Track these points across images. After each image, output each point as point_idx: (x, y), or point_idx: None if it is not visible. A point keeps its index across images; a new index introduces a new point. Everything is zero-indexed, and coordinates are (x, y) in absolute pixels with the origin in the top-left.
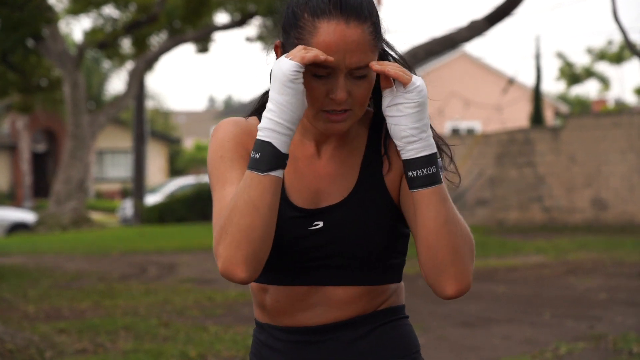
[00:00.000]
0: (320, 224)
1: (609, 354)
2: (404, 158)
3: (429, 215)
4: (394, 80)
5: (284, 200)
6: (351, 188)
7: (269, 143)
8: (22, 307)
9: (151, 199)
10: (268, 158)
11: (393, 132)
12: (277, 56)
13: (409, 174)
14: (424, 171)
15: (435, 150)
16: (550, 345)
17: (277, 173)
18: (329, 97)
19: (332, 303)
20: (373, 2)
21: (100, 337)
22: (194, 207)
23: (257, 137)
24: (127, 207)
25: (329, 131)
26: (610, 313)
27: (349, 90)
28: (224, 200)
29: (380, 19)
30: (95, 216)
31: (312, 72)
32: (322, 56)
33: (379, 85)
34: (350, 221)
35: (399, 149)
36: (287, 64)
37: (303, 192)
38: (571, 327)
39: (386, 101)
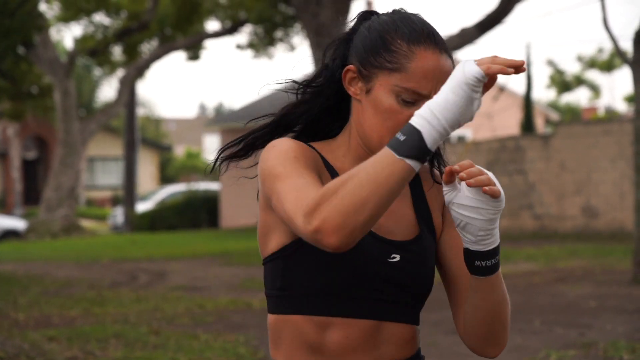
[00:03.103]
0: (397, 257)
1: None
2: (471, 249)
3: (489, 298)
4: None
5: None
6: (415, 226)
7: (418, 132)
8: (12, 314)
9: (142, 207)
10: (411, 144)
11: (464, 226)
12: (346, 83)
13: (476, 263)
14: (491, 261)
15: (499, 240)
16: (540, 353)
17: (413, 164)
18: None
19: (397, 341)
20: None
21: (90, 344)
22: (185, 214)
23: (410, 122)
24: (118, 214)
25: None
26: (600, 321)
27: None
28: (303, 184)
29: None
30: (86, 224)
31: (402, 97)
32: (509, 70)
33: None
34: (421, 259)
35: (465, 239)
36: (473, 68)
37: (380, 223)
38: (561, 334)
39: (450, 196)
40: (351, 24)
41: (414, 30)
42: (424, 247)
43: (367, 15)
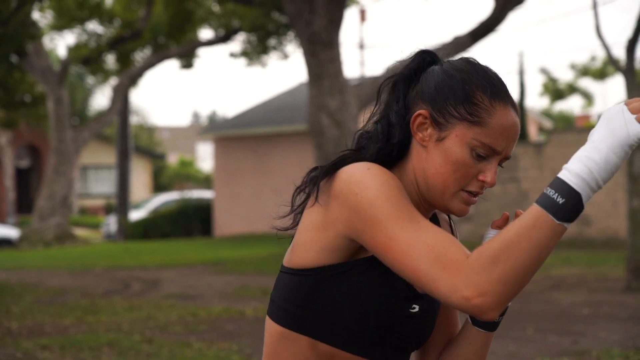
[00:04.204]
0: (417, 308)
1: None
2: None
3: (480, 352)
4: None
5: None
6: None
7: (578, 194)
8: (4, 323)
9: (135, 215)
10: (571, 208)
11: None
12: (415, 126)
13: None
14: (500, 317)
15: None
16: None
17: (569, 225)
18: (477, 178)
19: None
20: None
21: (83, 353)
22: (178, 223)
23: (566, 181)
24: (111, 222)
25: (460, 212)
26: (593, 328)
27: None
28: (433, 236)
29: None
30: (79, 232)
31: (476, 151)
32: None
33: None
34: (433, 310)
35: None
36: (637, 128)
37: None
38: (554, 342)
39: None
40: (410, 62)
41: (494, 85)
42: (433, 299)
43: (428, 55)
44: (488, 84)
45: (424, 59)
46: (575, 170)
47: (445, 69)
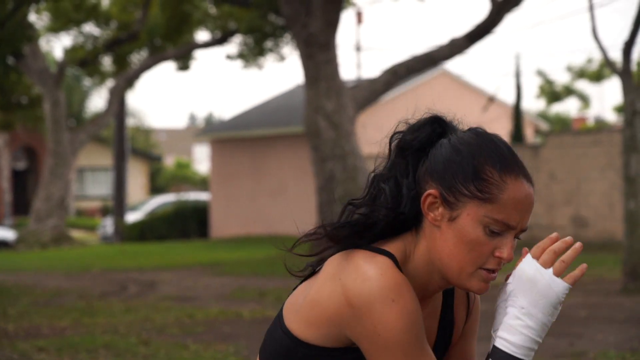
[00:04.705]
0: None
1: None
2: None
3: None
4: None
5: None
6: (433, 337)
7: None
8: (1, 325)
9: (132, 217)
10: None
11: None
12: (425, 206)
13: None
14: None
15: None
16: None
17: None
18: (494, 255)
19: None
20: None
21: (80, 355)
22: (175, 224)
23: (513, 354)
24: (108, 224)
25: (480, 291)
26: (590, 330)
27: None
28: None
29: None
30: (76, 234)
31: (490, 228)
32: (585, 267)
33: None
34: None
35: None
36: (561, 286)
37: None
38: (551, 344)
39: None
40: (420, 132)
41: (504, 158)
42: None
43: (439, 125)
44: (497, 157)
45: (434, 130)
46: (518, 342)
47: (453, 143)
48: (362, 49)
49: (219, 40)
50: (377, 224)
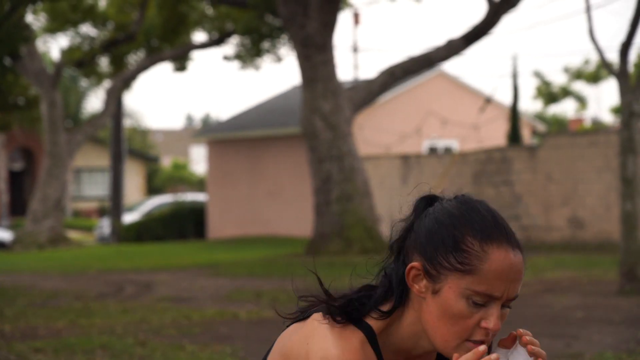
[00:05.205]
0: None
1: None
2: None
3: None
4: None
5: None
6: None
7: None
8: None
9: (128, 218)
10: None
11: None
12: (410, 280)
13: None
14: None
15: None
16: None
17: None
18: (480, 326)
19: None
20: None
21: (76, 356)
22: (172, 225)
23: None
24: (105, 225)
25: None
26: (587, 331)
27: None
28: None
29: None
30: (73, 235)
31: (472, 299)
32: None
33: None
34: None
35: None
36: None
37: None
38: (548, 345)
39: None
40: (413, 211)
41: (485, 227)
42: None
43: (426, 200)
44: (479, 226)
45: (422, 207)
46: None
47: (436, 215)
48: (359, 50)
49: (216, 41)
50: (368, 301)
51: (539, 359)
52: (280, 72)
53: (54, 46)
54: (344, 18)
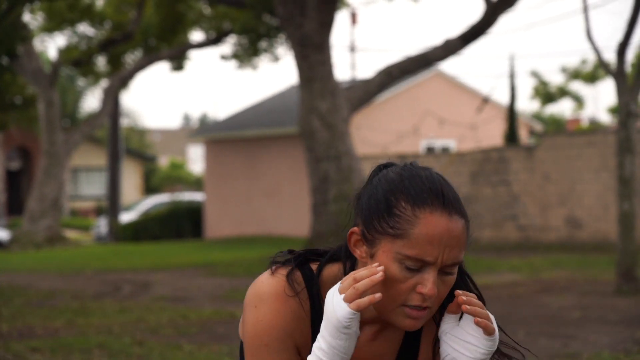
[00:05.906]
0: None
1: None
2: None
3: None
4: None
5: None
6: None
7: None
8: None
9: (126, 217)
10: None
11: (449, 358)
12: (352, 245)
13: None
14: None
15: None
16: None
17: None
18: (415, 291)
19: None
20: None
21: (73, 355)
22: (169, 225)
23: None
24: (102, 225)
25: (409, 327)
26: (584, 331)
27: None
28: None
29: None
30: (70, 234)
31: (405, 264)
32: (377, 297)
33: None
34: None
35: None
36: (343, 311)
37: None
38: (545, 345)
39: (447, 326)
40: (368, 177)
41: (420, 192)
42: None
43: (384, 168)
44: (415, 191)
45: (374, 174)
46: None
47: (376, 181)
48: (357, 49)
49: (214, 40)
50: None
51: (477, 320)
52: (277, 72)
53: (52, 45)
54: (341, 18)
